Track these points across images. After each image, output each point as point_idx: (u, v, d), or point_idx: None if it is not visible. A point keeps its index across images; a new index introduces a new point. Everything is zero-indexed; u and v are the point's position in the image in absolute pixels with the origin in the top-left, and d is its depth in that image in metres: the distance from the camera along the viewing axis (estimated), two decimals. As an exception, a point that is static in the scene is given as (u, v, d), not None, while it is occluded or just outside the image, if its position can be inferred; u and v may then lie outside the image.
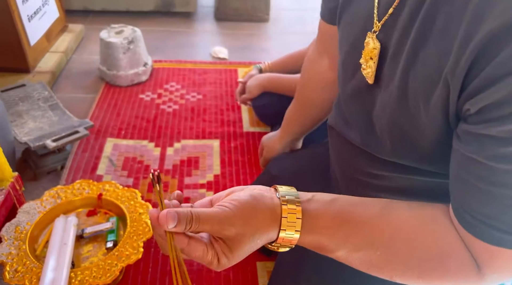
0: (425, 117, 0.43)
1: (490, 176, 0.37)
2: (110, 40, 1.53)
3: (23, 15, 1.46)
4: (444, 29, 0.39)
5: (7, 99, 1.22)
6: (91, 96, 1.55)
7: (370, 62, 0.49)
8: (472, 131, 0.37)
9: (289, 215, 0.42)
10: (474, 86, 0.36)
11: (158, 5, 2.08)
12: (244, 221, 0.41)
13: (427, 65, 0.41)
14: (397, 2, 0.45)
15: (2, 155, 0.89)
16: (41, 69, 1.56)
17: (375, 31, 0.48)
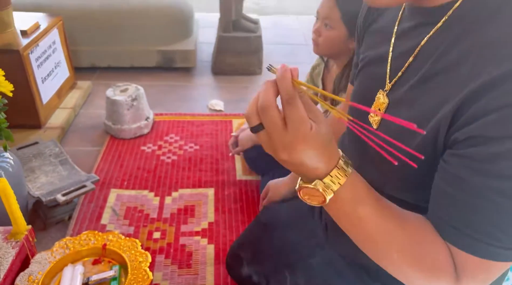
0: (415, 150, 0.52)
1: (474, 190, 0.46)
2: (115, 98, 1.68)
3: (38, 78, 1.63)
4: (440, 83, 0.52)
5: (22, 156, 1.35)
6: (97, 148, 1.68)
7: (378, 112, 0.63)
8: (458, 153, 0.47)
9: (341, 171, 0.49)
10: (462, 121, 0.47)
11: (160, 61, 2.26)
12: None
13: (424, 112, 0.53)
14: (403, 69, 0.58)
15: (18, 211, 1.01)
16: (51, 125, 1.71)
17: (386, 90, 0.62)
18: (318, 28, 1.22)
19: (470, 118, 0.47)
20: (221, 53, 2.28)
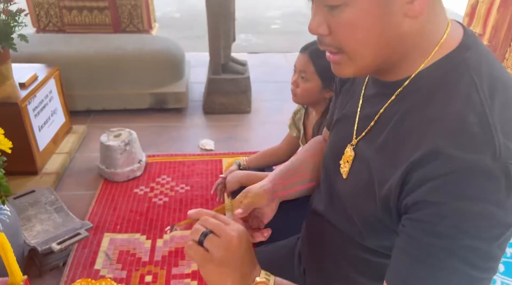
0: (374, 206, 0.63)
1: (424, 249, 0.53)
2: (109, 144, 1.76)
3: (35, 127, 1.71)
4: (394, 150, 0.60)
5: (19, 205, 1.42)
6: (91, 192, 1.75)
7: (346, 164, 0.72)
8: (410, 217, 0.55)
9: None
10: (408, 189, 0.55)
11: (152, 103, 2.36)
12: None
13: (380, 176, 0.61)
14: (367, 130, 0.68)
15: (15, 263, 1.06)
16: (47, 171, 1.77)
17: (352, 144, 0.71)
18: (296, 80, 1.32)
19: (414, 186, 0.55)
20: (211, 94, 2.39)
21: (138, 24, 2.78)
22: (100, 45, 2.36)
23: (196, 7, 5.52)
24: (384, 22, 0.56)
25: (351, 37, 0.57)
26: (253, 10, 5.19)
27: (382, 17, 0.55)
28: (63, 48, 2.30)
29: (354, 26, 0.56)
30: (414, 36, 0.58)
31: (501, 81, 0.59)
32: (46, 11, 2.69)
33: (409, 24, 0.56)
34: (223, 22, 2.24)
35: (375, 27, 0.56)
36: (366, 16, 0.55)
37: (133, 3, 2.72)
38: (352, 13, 0.55)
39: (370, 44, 0.57)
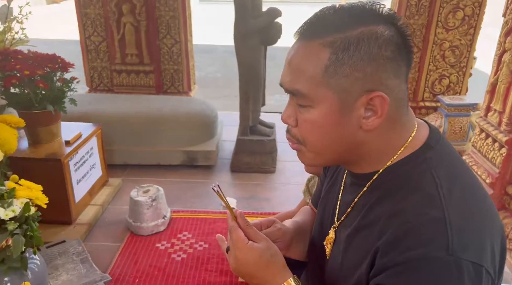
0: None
1: None
2: (137, 199, 1.90)
3: (74, 181, 1.89)
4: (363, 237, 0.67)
5: (50, 254, 1.55)
6: (117, 244, 1.87)
7: (329, 245, 0.78)
8: None
9: None
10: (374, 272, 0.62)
11: (184, 160, 2.52)
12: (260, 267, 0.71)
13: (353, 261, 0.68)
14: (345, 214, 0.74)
15: (36, 311, 1.17)
16: (81, 221, 1.93)
17: (334, 226, 0.77)
18: None
19: (376, 271, 0.62)
20: (238, 154, 2.52)
21: (179, 86, 3.03)
22: (141, 105, 2.60)
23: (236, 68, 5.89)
24: (341, 128, 0.64)
25: (312, 134, 0.65)
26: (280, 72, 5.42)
27: (339, 124, 0.64)
28: (108, 107, 2.56)
29: (315, 125, 0.64)
30: (371, 143, 0.66)
31: (460, 180, 0.66)
32: (99, 73, 3.02)
33: (364, 135, 0.65)
34: (252, 88, 2.41)
35: (332, 130, 0.64)
36: (326, 119, 0.63)
37: (175, 68, 2.99)
38: (315, 114, 0.64)
39: (327, 142, 0.66)
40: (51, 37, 6.99)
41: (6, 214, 1.17)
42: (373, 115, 0.62)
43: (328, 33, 0.61)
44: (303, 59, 0.63)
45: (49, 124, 1.90)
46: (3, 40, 1.99)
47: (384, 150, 0.67)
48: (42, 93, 1.82)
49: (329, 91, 0.62)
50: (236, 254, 0.70)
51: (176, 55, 2.96)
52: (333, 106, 0.62)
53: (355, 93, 0.61)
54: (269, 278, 0.70)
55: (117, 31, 2.86)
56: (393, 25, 0.63)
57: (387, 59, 0.61)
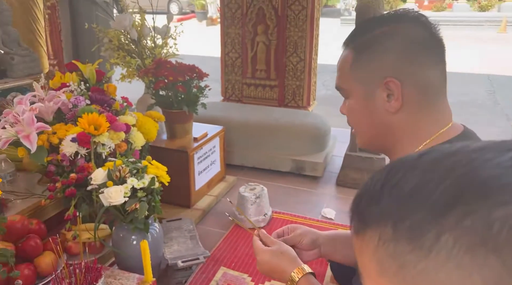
0: None
1: None
2: (244, 194, 2.14)
3: (196, 172, 2.24)
4: None
5: (168, 227, 1.88)
6: (223, 232, 2.13)
7: None
8: None
9: None
10: None
11: (292, 168, 2.70)
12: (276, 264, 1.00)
13: None
14: None
15: (149, 266, 1.46)
16: (197, 207, 2.26)
17: None
18: None
19: None
20: (345, 168, 2.57)
21: (299, 101, 3.24)
22: (262, 115, 2.88)
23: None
24: (370, 112, 0.79)
25: (352, 119, 0.84)
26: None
27: (368, 108, 0.80)
28: (234, 114, 2.91)
29: (351, 111, 0.83)
30: (402, 127, 0.77)
31: None
32: (233, 85, 3.43)
33: (392, 118, 0.77)
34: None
35: (364, 114, 0.80)
36: (357, 105, 0.81)
37: (298, 83, 3.21)
38: (351, 103, 0.83)
39: (363, 126, 0.83)
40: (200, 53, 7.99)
41: (138, 184, 1.50)
42: (393, 98, 0.75)
43: (356, 38, 0.79)
44: (340, 62, 0.83)
45: (184, 122, 2.29)
46: (160, 53, 2.48)
47: (415, 135, 0.76)
48: (181, 97, 2.21)
49: (355, 82, 0.79)
50: (257, 257, 1.03)
51: (300, 71, 3.18)
52: (360, 94, 0.79)
53: (375, 81, 0.75)
54: (284, 269, 0.96)
55: (251, 48, 3.23)
56: (419, 22, 0.73)
57: (405, 50, 0.73)
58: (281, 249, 1.00)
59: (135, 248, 1.58)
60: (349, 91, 0.82)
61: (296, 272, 0.94)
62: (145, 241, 1.42)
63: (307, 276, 0.94)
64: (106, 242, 1.69)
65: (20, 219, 1.51)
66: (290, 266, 0.96)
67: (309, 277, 0.94)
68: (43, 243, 1.57)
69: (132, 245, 1.59)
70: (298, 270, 0.94)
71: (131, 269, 1.56)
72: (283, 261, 0.98)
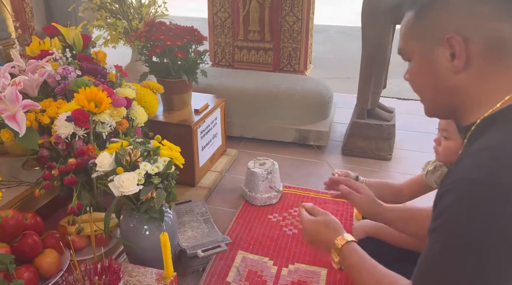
0: None
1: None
2: (254, 170, 1.98)
3: (199, 147, 2.04)
4: None
5: (178, 211, 1.70)
6: (233, 210, 1.98)
7: None
8: None
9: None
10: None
11: (296, 138, 2.54)
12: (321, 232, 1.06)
13: None
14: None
15: (170, 260, 1.30)
16: (202, 185, 2.08)
17: None
18: (438, 138, 1.31)
19: None
20: (352, 137, 2.45)
21: (295, 65, 3.04)
22: (260, 82, 2.67)
23: (350, 50, 5.68)
24: (433, 73, 0.71)
25: (413, 83, 0.78)
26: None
27: (430, 69, 0.72)
28: (230, 82, 2.68)
29: (413, 74, 0.77)
30: (468, 88, 0.69)
31: None
32: (222, 49, 3.17)
33: (457, 78, 0.69)
34: (376, 68, 2.30)
35: (427, 76, 0.73)
36: (419, 67, 0.74)
37: (294, 46, 3.00)
38: (412, 65, 0.76)
39: (426, 90, 0.75)
40: (182, 13, 7.45)
41: (152, 169, 1.30)
42: (456, 56, 0.67)
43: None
44: (403, 23, 0.77)
45: (182, 93, 2.05)
46: (148, 13, 2.19)
47: (482, 98, 0.68)
48: (179, 64, 1.96)
49: (415, 42, 0.73)
50: (304, 227, 1.10)
51: (296, 33, 2.96)
52: (421, 54, 0.72)
53: (436, 39, 0.69)
54: (327, 238, 1.01)
55: (242, 7, 2.95)
56: None
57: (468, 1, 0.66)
58: (326, 219, 1.08)
59: (148, 239, 1.40)
60: (410, 53, 0.76)
61: (340, 240, 0.98)
62: (166, 234, 1.24)
63: (350, 244, 0.98)
64: (113, 233, 1.50)
65: (13, 214, 1.28)
66: (333, 235, 1.00)
67: (352, 244, 0.98)
68: (42, 239, 1.36)
69: (145, 236, 1.41)
70: (341, 237, 0.99)
71: (143, 262, 1.39)
72: (327, 230, 1.03)
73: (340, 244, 0.97)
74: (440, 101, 0.74)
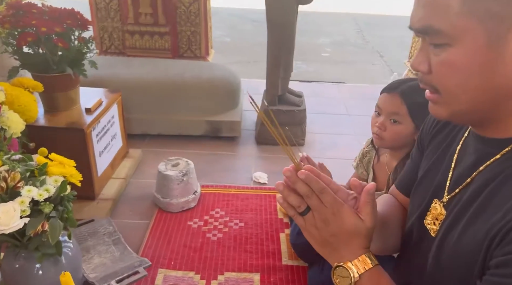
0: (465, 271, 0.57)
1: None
2: (167, 173, 1.74)
3: (96, 152, 1.72)
4: (496, 205, 0.54)
5: (78, 235, 1.40)
6: (146, 222, 1.72)
7: (436, 223, 0.66)
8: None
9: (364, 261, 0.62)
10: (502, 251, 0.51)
11: (207, 130, 2.35)
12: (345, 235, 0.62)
13: (478, 232, 0.55)
14: (465, 184, 0.61)
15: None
16: (104, 196, 1.77)
17: (443, 201, 0.65)
18: (383, 122, 1.24)
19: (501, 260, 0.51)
20: (265, 125, 2.34)
21: (196, 50, 2.81)
22: (160, 70, 2.39)
23: (246, 32, 5.60)
24: (489, 69, 0.51)
25: (449, 79, 0.53)
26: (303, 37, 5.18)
27: (487, 62, 0.50)
28: (124, 72, 2.35)
29: (454, 68, 0.52)
30: None
31: None
32: (110, 35, 2.78)
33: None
34: (285, 52, 2.21)
35: (477, 72, 0.51)
36: (468, 58, 0.51)
37: (192, 29, 2.76)
38: (455, 55, 0.52)
39: (469, 90, 0.53)
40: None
41: (40, 194, 1.00)
42: None
43: None
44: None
45: (68, 90, 1.70)
46: (10, -8, 1.75)
47: None
48: (60, 54, 1.61)
49: (472, 20, 0.49)
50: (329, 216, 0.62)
51: (194, 15, 2.72)
52: (478, 40, 0.50)
53: (509, 19, 0.47)
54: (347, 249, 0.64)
55: (130, -14, 2.60)
56: None
57: None
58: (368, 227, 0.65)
59: (43, 281, 1.11)
60: (453, 35, 0.51)
61: (362, 262, 0.62)
62: (68, 274, 0.97)
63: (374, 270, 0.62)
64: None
65: None
66: (358, 250, 0.63)
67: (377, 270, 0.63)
68: None
69: (37, 277, 1.12)
70: (364, 259, 0.62)
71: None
72: (358, 240, 0.64)
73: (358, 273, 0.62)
74: (481, 105, 0.55)
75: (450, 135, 0.72)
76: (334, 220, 0.61)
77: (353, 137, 2.49)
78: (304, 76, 3.67)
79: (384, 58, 4.64)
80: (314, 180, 0.61)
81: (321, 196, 0.61)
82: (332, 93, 3.18)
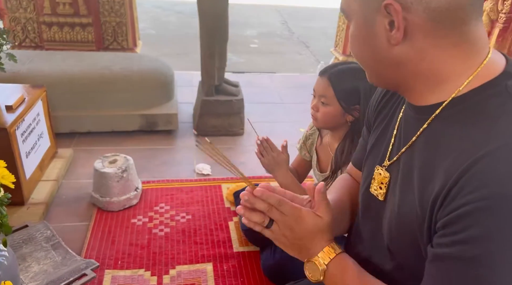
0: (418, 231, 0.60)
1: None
2: (104, 171, 1.64)
3: (22, 154, 1.57)
4: (434, 168, 0.58)
5: (12, 243, 1.28)
6: (85, 223, 1.62)
7: (382, 186, 0.70)
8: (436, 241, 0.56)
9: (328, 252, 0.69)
10: (446, 210, 0.54)
11: (143, 125, 2.26)
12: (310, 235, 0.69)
13: (418, 194, 0.60)
14: (404, 149, 0.66)
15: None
16: (34, 201, 1.63)
17: (384, 165, 0.70)
18: (316, 104, 1.29)
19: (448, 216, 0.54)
20: (204, 116, 2.32)
21: (122, 41, 2.68)
22: (85, 64, 2.24)
23: (170, 24, 5.44)
24: (372, 41, 0.61)
25: (352, 46, 0.67)
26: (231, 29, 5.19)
27: (369, 36, 0.61)
28: (45, 67, 2.16)
29: (352, 37, 0.65)
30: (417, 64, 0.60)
31: None
32: (23, 26, 2.53)
33: (399, 51, 0.60)
34: (218, 41, 2.20)
35: (365, 43, 0.63)
36: (357, 31, 0.63)
37: (118, 20, 2.62)
38: (352, 28, 0.65)
39: (366, 57, 0.65)
40: None
41: (-32, 200, 0.89)
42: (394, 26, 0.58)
43: None
44: None
45: (-17, 85, 1.52)
46: None
47: (444, 75, 0.60)
48: (-29, 46, 1.43)
49: (356, 3, 0.63)
50: (292, 223, 0.69)
51: (119, 5, 2.58)
52: (359, 18, 0.63)
53: (374, 3, 0.59)
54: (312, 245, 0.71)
55: (44, -27, 2.39)
56: None
57: None
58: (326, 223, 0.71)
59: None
60: (349, 14, 0.65)
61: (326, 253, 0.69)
62: (9, 283, 0.89)
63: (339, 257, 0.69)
64: None
65: None
66: (321, 243, 0.70)
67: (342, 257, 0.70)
68: None
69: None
70: (328, 250, 0.69)
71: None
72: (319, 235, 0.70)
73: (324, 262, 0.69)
74: (381, 72, 0.65)
75: (392, 108, 0.77)
76: (296, 225, 0.69)
77: (289, 124, 2.56)
78: (236, 67, 3.68)
79: (310, 49, 4.82)
80: (271, 195, 0.68)
81: (280, 207, 0.68)
82: (265, 83, 3.23)
